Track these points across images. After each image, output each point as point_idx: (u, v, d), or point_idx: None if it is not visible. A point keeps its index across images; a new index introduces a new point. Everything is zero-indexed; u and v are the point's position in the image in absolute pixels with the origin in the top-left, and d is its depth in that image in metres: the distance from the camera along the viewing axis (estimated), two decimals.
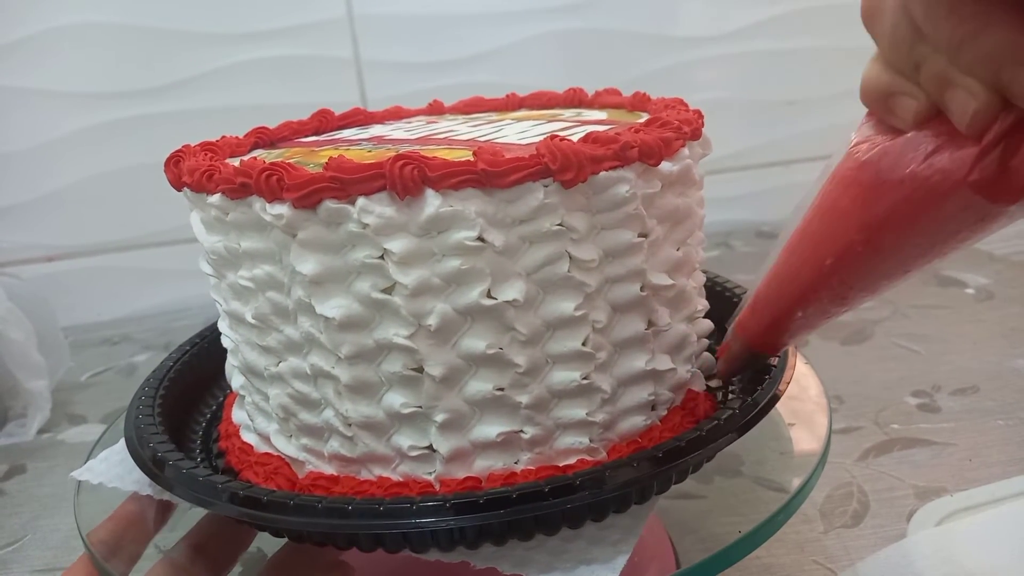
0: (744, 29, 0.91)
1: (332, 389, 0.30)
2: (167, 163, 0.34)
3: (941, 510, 0.43)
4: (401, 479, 0.30)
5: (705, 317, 0.36)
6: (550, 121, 0.37)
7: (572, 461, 0.30)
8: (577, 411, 0.30)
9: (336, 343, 0.29)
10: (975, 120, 0.20)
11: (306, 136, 0.43)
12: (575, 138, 0.29)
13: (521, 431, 0.30)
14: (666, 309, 0.32)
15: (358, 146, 0.37)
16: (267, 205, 0.28)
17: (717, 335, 0.36)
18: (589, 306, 0.29)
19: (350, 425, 0.30)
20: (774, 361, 0.33)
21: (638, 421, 0.31)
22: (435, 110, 0.46)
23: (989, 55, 0.19)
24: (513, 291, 0.28)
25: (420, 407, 0.29)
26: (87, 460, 0.39)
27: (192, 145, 0.36)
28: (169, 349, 0.43)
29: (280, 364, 0.32)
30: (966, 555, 0.37)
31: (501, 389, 0.29)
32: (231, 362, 0.36)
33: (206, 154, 0.35)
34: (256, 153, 0.38)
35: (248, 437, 0.36)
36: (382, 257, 0.28)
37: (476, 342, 0.28)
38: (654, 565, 0.38)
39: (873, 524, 0.44)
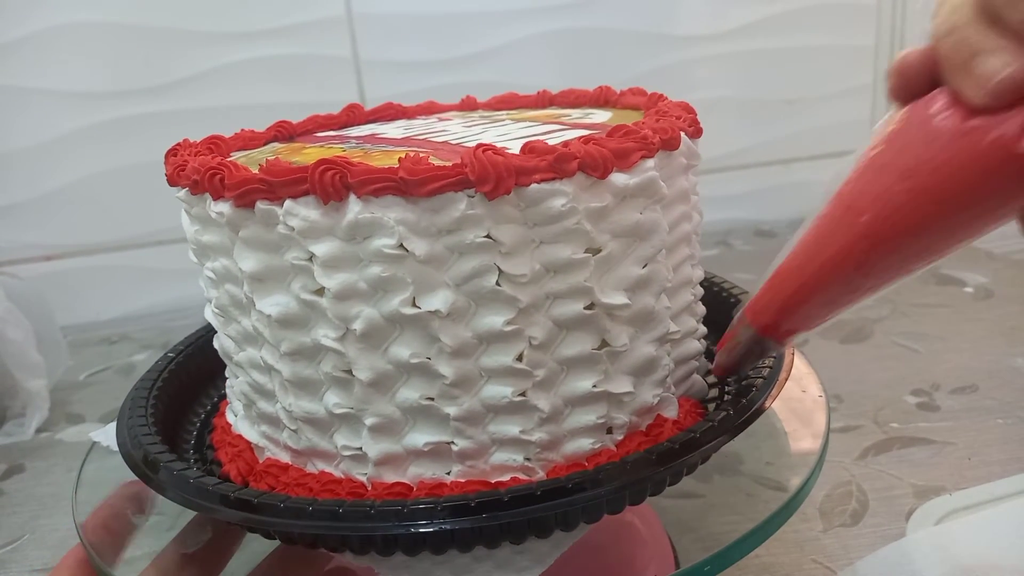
0: (743, 28, 0.91)
1: (278, 382, 0.31)
2: (167, 155, 0.35)
3: (940, 509, 0.43)
4: (342, 476, 0.31)
5: (704, 323, 0.35)
6: (545, 123, 0.37)
7: (505, 478, 0.30)
8: (511, 428, 0.29)
9: (277, 339, 0.30)
10: (1003, 83, 0.20)
11: (331, 130, 0.43)
12: (552, 142, 0.28)
13: (452, 442, 0.29)
14: (626, 329, 0.30)
15: (346, 144, 0.37)
16: (212, 203, 0.30)
17: (714, 338, 0.35)
18: (525, 321, 0.28)
19: (295, 419, 0.31)
20: (761, 377, 0.32)
21: (585, 443, 0.30)
22: (467, 105, 0.46)
23: None
24: (437, 301, 0.28)
25: (352, 409, 0.30)
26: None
27: (190, 140, 0.37)
28: (167, 348, 0.43)
29: (240, 353, 0.33)
30: (965, 554, 0.37)
31: (430, 399, 0.29)
32: (216, 345, 0.37)
33: (207, 148, 0.36)
34: (269, 147, 0.39)
35: (229, 416, 0.37)
36: (310, 259, 0.28)
37: (402, 350, 0.28)
38: (653, 564, 0.38)
39: (872, 523, 0.44)
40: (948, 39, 0.21)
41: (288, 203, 0.28)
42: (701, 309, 0.36)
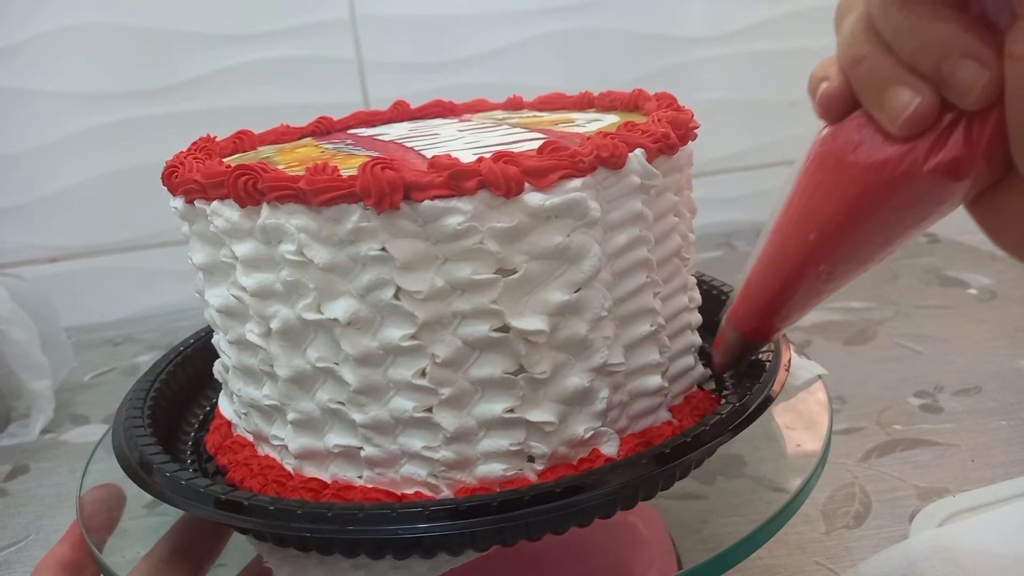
0: (745, 29, 0.91)
1: (231, 368, 0.33)
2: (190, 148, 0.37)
3: (943, 511, 0.43)
4: (280, 462, 0.33)
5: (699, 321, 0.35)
6: (533, 130, 0.36)
7: (411, 491, 0.30)
8: (416, 442, 0.29)
9: (225, 327, 0.32)
10: (913, 117, 0.21)
11: (364, 127, 0.44)
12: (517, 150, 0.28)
13: (361, 448, 0.30)
14: (549, 355, 0.28)
15: (337, 145, 0.38)
16: (172, 198, 0.32)
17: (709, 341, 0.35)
18: (428, 338, 0.28)
19: (244, 403, 0.33)
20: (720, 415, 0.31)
21: (496, 468, 0.29)
22: (512, 105, 0.45)
23: (934, 44, 0.20)
24: (337, 309, 0.28)
25: (277, 402, 0.31)
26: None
27: (210, 136, 0.39)
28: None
29: (215, 336, 0.34)
30: (968, 556, 0.37)
31: (340, 403, 0.29)
32: None
33: (231, 142, 0.38)
34: (301, 142, 0.41)
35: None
36: (235, 258, 0.30)
37: (313, 353, 0.29)
38: (656, 566, 0.38)
39: (875, 525, 0.44)
40: (857, 70, 0.22)
41: (215, 204, 0.30)
42: (683, 342, 0.34)
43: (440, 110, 0.45)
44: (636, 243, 0.30)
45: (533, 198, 0.27)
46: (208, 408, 0.42)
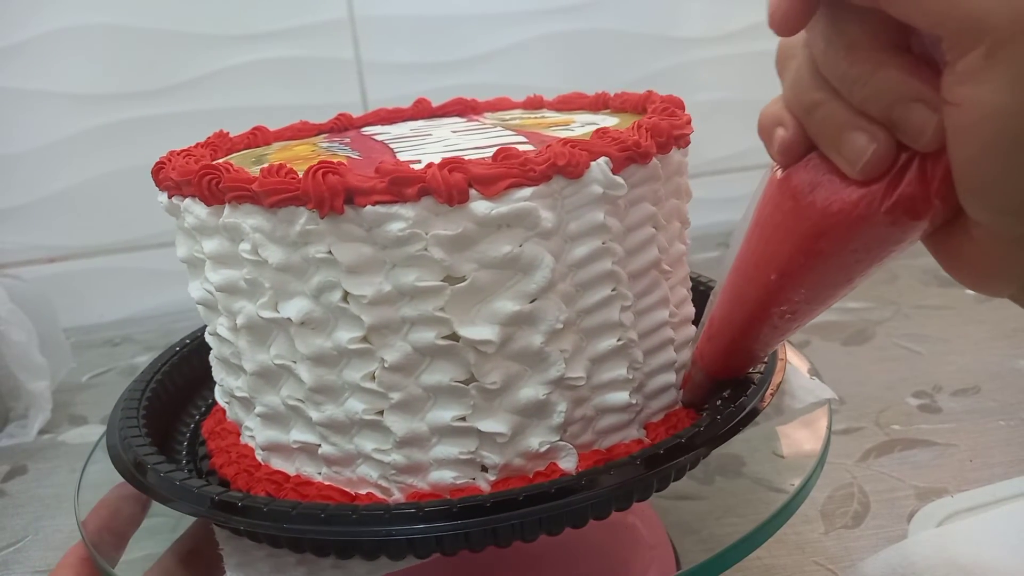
0: (744, 30, 0.91)
1: (214, 358, 0.34)
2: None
3: (942, 511, 0.43)
4: (251, 452, 0.33)
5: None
6: (520, 132, 0.35)
7: (364, 492, 0.30)
8: (368, 444, 0.29)
9: (206, 319, 0.33)
10: (871, 162, 0.21)
11: (384, 124, 0.44)
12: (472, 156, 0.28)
13: (319, 445, 0.30)
14: (502, 365, 0.28)
15: (331, 143, 0.38)
16: (159, 193, 0.33)
17: None
18: (378, 342, 0.28)
19: (225, 392, 0.34)
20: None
21: (447, 475, 0.29)
22: (532, 104, 0.45)
23: (882, 90, 0.20)
24: (291, 309, 0.28)
25: (247, 395, 0.32)
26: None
27: (228, 133, 0.40)
28: None
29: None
30: (967, 556, 0.37)
31: (300, 400, 0.30)
32: None
33: (247, 136, 0.40)
34: (307, 140, 0.42)
35: None
36: (204, 254, 0.31)
37: (274, 350, 0.30)
38: (655, 566, 0.38)
39: (874, 525, 0.44)
40: (811, 117, 0.22)
41: (187, 201, 0.30)
42: (663, 359, 0.32)
43: (460, 108, 0.45)
44: (599, 255, 0.29)
45: (480, 206, 0.26)
46: (211, 400, 0.42)
